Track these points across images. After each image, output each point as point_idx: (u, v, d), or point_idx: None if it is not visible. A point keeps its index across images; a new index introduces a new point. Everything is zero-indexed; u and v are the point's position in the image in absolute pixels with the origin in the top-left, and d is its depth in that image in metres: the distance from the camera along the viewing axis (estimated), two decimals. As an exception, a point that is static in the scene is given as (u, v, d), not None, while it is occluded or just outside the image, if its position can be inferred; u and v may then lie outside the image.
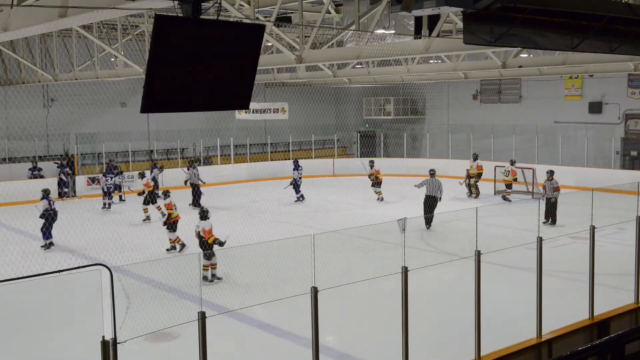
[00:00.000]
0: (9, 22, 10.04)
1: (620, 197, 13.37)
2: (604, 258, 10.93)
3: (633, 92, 26.16)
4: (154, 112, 6.19)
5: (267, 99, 31.08)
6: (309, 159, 30.54)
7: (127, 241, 15.34)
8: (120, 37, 18.36)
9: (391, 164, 29.57)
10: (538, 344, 8.40)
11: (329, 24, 17.41)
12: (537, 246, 8.55)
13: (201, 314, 5.95)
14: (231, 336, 9.38)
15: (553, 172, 17.95)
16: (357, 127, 35.04)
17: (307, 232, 7.01)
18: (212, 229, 12.53)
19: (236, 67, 6.03)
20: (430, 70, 21.67)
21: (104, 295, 5.65)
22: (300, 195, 22.24)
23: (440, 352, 9.05)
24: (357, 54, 14.20)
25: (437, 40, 12.57)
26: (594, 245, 9.22)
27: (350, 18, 12.64)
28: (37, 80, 22.36)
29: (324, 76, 21.81)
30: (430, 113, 33.56)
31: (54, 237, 15.46)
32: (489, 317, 8.33)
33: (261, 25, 6.44)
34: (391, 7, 6.36)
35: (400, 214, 8.54)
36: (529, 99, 29.54)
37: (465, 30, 6.69)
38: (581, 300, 9.31)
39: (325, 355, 8.00)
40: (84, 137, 26.38)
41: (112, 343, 5.56)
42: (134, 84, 25.92)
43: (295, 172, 22.20)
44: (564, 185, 22.47)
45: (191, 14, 5.59)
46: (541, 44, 7.61)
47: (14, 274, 11.60)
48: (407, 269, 7.21)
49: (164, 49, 5.44)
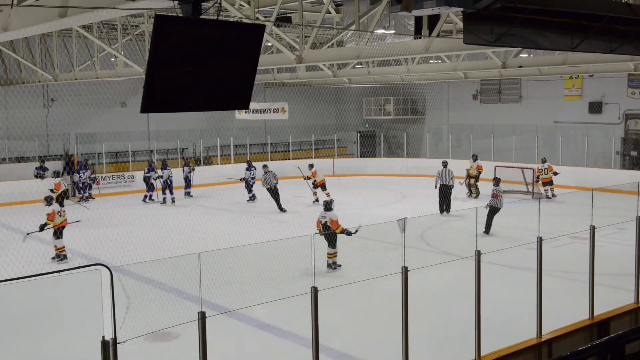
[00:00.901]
0: (9, 22, 10.04)
1: (620, 197, 13.37)
2: (604, 258, 10.93)
3: (633, 92, 26.16)
4: (154, 112, 6.19)
5: (267, 99, 31.08)
6: (309, 159, 30.54)
7: (127, 241, 15.35)
8: (120, 37, 18.36)
9: (391, 164, 29.61)
10: (538, 344, 8.40)
11: (329, 24, 17.41)
12: (537, 246, 8.55)
13: (201, 314, 5.95)
14: (231, 336, 9.38)
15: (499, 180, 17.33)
16: (357, 127, 35.04)
17: (307, 232, 7.01)
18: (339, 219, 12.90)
19: (236, 67, 6.03)
20: (430, 70, 21.67)
21: (104, 295, 5.65)
22: (252, 195, 22.52)
23: (440, 352, 9.05)
24: (357, 54, 14.20)
25: (437, 40, 12.57)
26: (594, 245, 9.22)
27: (350, 18, 12.64)
28: (37, 80, 22.36)
29: (324, 76, 21.81)
30: (430, 113, 33.55)
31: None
32: (489, 317, 8.33)
33: (261, 25, 6.44)
34: (391, 7, 6.36)
35: (400, 214, 8.54)
36: (529, 99, 29.54)
37: (465, 30, 6.69)
38: (581, 300, 9.31)
39: (325, 355, 8.00)
40: (84, 137, 26.39)
41: (112, 343, 5.56)
42: (134, 84, 25.92)
43: (247, 172, 22.62)
44: (564, 185, 22.50)
45: (191, 14, 5.58)
46: (541, 44, 7.61)
47: (14, 274, 11.61)
48: (407, 269, 7.21)
49: (164, 49, 5.44)
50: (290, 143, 30.81)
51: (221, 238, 14.95)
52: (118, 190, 24.55)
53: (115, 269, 5.97)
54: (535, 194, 21.74)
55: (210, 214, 20.14)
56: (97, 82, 23.91)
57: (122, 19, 17.80)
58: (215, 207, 21.73)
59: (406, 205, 20.39)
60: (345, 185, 26.01)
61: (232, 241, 13.99)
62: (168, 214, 20.29)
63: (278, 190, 20.38)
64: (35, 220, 15.53)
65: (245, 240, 13.14)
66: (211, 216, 19.65)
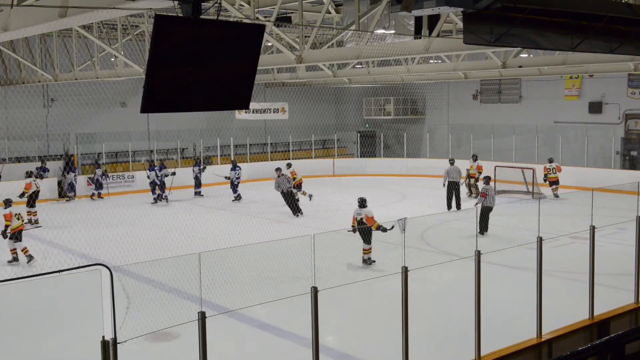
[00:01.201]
0: (9, 22, 10.04)
1: (620, 197, 13.37)
2: (604, 258, 10.92)
3: (633, 92, 26.15)
4: (154, 112, 6.19)
5: (267, 99, 31.08)
6: (309, 159, 30.56)
7: (127, 241, 15.35)
8: (120, 37, 18.36)
9: (391, 164, 29.61)
10: (538, 344, 8.40)
11: (329, 24, 17.41)
12: (537, 246, 8.55)
13: (201, 314, 5.95)
14: (231, 336, 9.38)
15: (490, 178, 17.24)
16: (357, 127, 35.03)
17: (307, 232, 7.01)
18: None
19: (236, 67, 6.03)
20: (430, 70, 21.67)
21: (104, 295, 5.65)
22: (238, 195, 22.66)
23: (440, 352, 9.05)
24: (357, 54, 14.20)
25: (437, 40, 12.56)
26: (594, 245, 9.22)
27: (350, 18, 12.64)
28: (37, 80, 22.36)
29: (324, 76, 21.81)
30: (430, 113, 33.55)
31: (54, 238, 15.46)
32: (489, 317, 8.33)
33: (261, 25, 6.44)
34: (391, 7, 6.36)
35: (400, 214, 8.54)
36: (529, 99, 29.54)
37: (465, 30, 6.69)
38: (581, 300, 9.31)
39: (325, 355, 8.01)
40: (84, 137, 26.39)
41: (112, 343, 5.56)
42: (134, 84, 25.92)
43: (232, 172, 22.85)
44: (564, 185, 22.51)
45: (191, 14, 5.58)
46: (541, 44, 7.61)
47: (14, 274, 11.62)
48: (407, 269, 7.21)
49: (164, 49, 5.44)
50: (290, 143, 30.81)
51: (221, 238, 14.95)
52: (118, 190, 24.56)
53: (115, 269, 5.97)
54: (535, 194, 21.73)
55: (210, 214, 20.14)
56: (97, 82, 23.91)
57: (122, 19, 17.80)
58: (215, 207, 21.72)
59: (406, 205, 20.39)
60: (345, 185, 26.01)
61: (232, 241, 13.99)
62: (168, 214, 20.29)
63: (293, 194, 20.05)
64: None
65: (245, 240, 13.14)
66: (211, 216, 19.65)
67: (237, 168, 23.06)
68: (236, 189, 22.85)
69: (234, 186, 22.87)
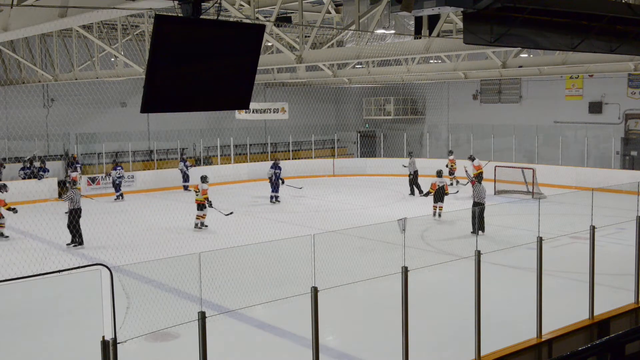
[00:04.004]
0: (9, 22, 10.03)
1: (620, 197, 13.37)
2: (604, 258, 10.93)
3: (633, 92, 26.15)
4: (154, 112, 6.18)
5: (267, 99, 31.09)
6: (309, 159, 30.56)
7: (127, 241, 15.35)
8: (120, 37, 18.36)
9: (391, 164, 29.60)
10: (538, 344, 8.40)
11: (329, 24, 17.41)
12: (537, 246, 8.55)
13: (201, 314, 5.95)
14: (231, 336, 9.38)
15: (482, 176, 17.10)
16: (357, 127, 35.03)
17: (307, 232, 7.01)
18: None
19: (236, 67, 6.02)
20: (430, 70, 21.67)
21: (104, 295, 5.65)
22: (277, 196, 22.40)
23: (440, 352, 9.05)
24: (357, 54, 14.19)
25: (437, 40, 12.56)
26: (594, 245, 9.22)
27: (350, 18, 12.63)
28: (37, 80, 22.35)
29: (324, 76, 21.81)
30: (430, 113, 33.56)
31: (54, 238, 15.47)
32: (489, 317, 8.33)
33: (261, 25, 6.44)
34: (391, 7, 6.36)
35: (400, 214, 8.54)
36: (529, 99, 29.54)
37: (465, 30, 6.69)
38: (581, 300, 9.31)
39: (325, 355, 8.01)
40: (84, 137, 26.39)
41: (112, 343, 5.56)
42: (134, 84, 25.92)
43: (275, 170, 22.36)
44: (564, 186, 22.51)
45: (191, 14, 5.58)
46: (541, 44, 7.61)
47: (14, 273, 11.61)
48: (407, 269, 7.21)
49: (164, 49, 5.43)
50: (290, 143, 30.81)
51: (221, 238, 14.95)
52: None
53: (115, 269, 5.97)
54: (535, 194, 21.73)
55: (210, 214, 20.13)
56: (97, 82, 23.91)
57: (122, 19, 17.80)
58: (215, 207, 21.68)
59: (406, 205, 20.38)
60: (345, 185, 26.02)
61: (232, 241, 13.99)
62: (168, 214, 20.27)
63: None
64: (35, 219, 15.56)
65: (245, 240, 13.15)
66: (211, 216, 19.64)
67: (277, 167, 22.32)
68: (277, 188, 22.22)
69: (276, 186, 22.24)
